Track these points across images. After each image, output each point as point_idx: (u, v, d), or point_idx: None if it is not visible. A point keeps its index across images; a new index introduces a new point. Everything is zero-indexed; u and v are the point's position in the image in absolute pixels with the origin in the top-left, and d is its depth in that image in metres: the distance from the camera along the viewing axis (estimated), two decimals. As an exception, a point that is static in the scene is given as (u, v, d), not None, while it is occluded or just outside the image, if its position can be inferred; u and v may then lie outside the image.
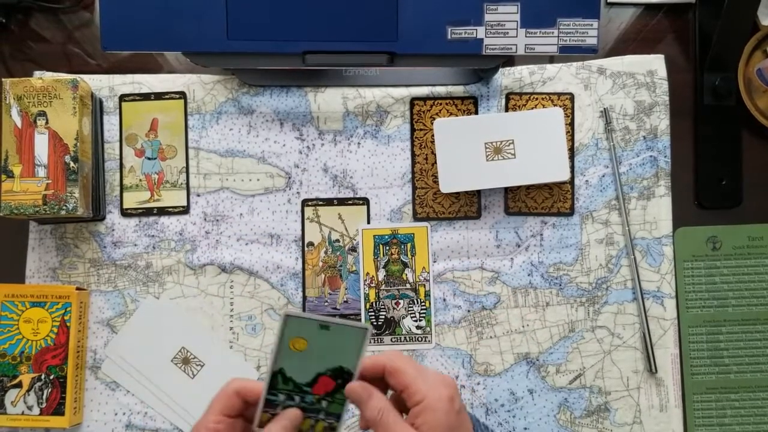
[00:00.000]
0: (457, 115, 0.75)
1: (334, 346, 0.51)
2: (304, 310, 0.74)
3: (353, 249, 0.75)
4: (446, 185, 0.72)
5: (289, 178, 0.75)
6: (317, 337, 0.51)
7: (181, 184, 0.75)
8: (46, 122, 0.69)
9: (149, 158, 0.75)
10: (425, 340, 0.74)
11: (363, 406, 0.51)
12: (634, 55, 0.76)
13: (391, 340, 0.74)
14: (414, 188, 0.75)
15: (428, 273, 0.74)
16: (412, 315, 0.74)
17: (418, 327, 0.74)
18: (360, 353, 0.51)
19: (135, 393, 0.73)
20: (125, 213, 0.75)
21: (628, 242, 0.73)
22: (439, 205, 0.75)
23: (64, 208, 0.68)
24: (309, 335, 0.51)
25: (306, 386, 0.52)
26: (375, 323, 0.74)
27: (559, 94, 0.75)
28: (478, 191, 0.75)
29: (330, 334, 0.51)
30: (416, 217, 0.75)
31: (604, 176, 0.75)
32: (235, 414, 0.52)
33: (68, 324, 0.71)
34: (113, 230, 0.75)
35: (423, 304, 0.74)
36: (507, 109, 0.76)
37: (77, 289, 0.72)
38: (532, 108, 0.75)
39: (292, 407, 0.52)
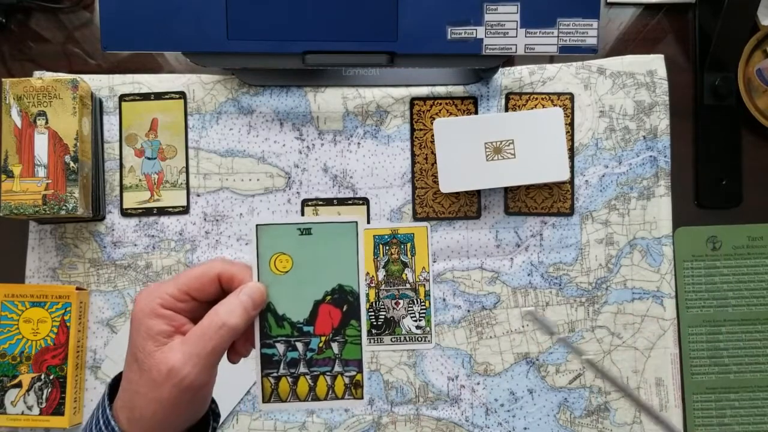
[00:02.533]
0: (457, 115, 0.75)
1: (324, 255, 0.42)
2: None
3: (353, 249, 0.75)
4: (446, 185, 0.72)
5: (289, 178, 0.75)
6: (301, 248, 0.42)
7: (181, 184, 0.75)
8: (46, 122, 0.69)
9: (149, 158, 0.75)
10: (425, 340, 0.74)
11: None
12: (634, 55, 0.76)
13: (391, 340, 0.74)
14: (414, 188, 0.75)
15: (428, 273, 0.74)
16: (411, 315, 0.74)
17: (417, 327, 0.74)
18: (357, 259, 0.42)
19: (135, 393, 0.73)
20: (125, 213, 0.75)
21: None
22: (439, 205, 0.75)
23: (64, 208, 0.68)
24: (291, 247, 0.42)
25: (306, 325, 0.43)
26: (375, 323, 0.74)
27: (558, 94, 0.75)
28: (478, 191, 0.75)
29: (315, 240, 0.42)
30: (416, 217, 0.75)
31: (603, 176, 0.75)
32: (204, 299, 0.43)
33: (68, 324, 0.71)
34: (113, 230, 0.75)
35: (423, 304, 0.74)
36: (507, 109, 0.76)
37: (77, 289, 0.72)
38: (532, 108, 0.75)
39: (297, 362, 0.43)
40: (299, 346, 0.43)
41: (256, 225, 0.43)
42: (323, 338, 0.43)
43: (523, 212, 0.75)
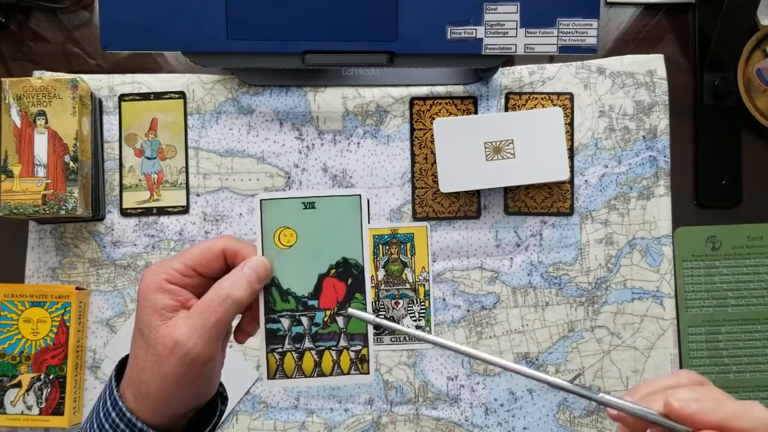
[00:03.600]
0: (456, 115, 0.75)
1: (329, 229, 0.43)
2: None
3: (353, 249, 0.75)
4: (446, 185, 0.72)
5: (289, 177, 0.75)
6: (305, 222, 0.43)
7: (181, 183, 0.75)
8: (46, 122, 0.69)
9: (149, 158, 0.75)
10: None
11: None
12: (633, 54, 0.76)
13: (391, 339, 0.74)
14: (414, 188, 0.75)
15: (428, 273, 0.74)
16: (411, 315, 0.74)
17: (417, 327, 0.74)
18: (361, 232, 0.43)
19: (134, 393, 0.73)
20: (125, 213, 0.75)
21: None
22: (439, 204, 0.75)
23: (64, 207, 0.68)
24: (295, 221, 0.43)
25: (311, 299, 0.43)
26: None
27: (558, 94, 0.75)
28: (478, 191, 0.75)
29: (319, 213, 0.43)
30: (416, 217, 0.75)
31: (603, 176, 0.75)
32: (209, 275, 0.44)
33: (68, 324, 0.71)
34: (113, 230, 0.75)
35: (422, 303, 0.74)
36: (507, 109, 0.76)
37: (77, 288, 0.72)
38: (532, 108, 0.75)
39: (302, 336, 0.43)
40: (304, 320, 0.43)
41: (260, 200, 0.43)
42: (328, 312, 0.43)
43: (522, 212, 0.75)
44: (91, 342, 0.74)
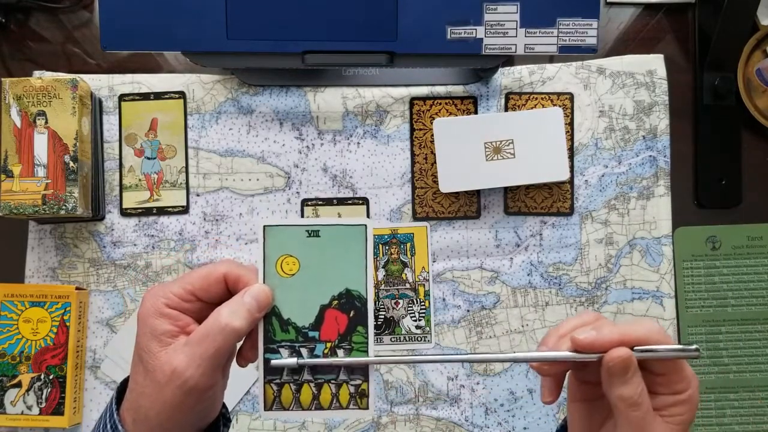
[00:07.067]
0: (456, 115, 0.75)
1: (332, 259, 0.42)
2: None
3: (353, 249, 0.75)
4: (446, 185, 0.72)
5: (289, 177, 0.75)
6: (308, 251, 0.42)
7: (181, 183, 0.75)
8: (46, 122, 0.69)
9: (149, 158, 0.75)
10: (425, 340, 0.74)
11: (623, 382, 0.40)
12: (633, 54, 0.76)
13: (391, 339, 0.74)
14: (413, 188, 0.75)
15: (428, 273, 0.74)
16: (411, 315, 0.74)
17: (417, 327, 0.74)
18: (366, 263, 0.42)
19: (134, 393, 0.73)
20: (125, 213, 0.75)
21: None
22: (439, 204, 0.75)
23: (64, 207, 0.68)
24: (298, 249, 0.42)
25: (311, 330, 0.42)
26: (375, 323, 0.74)
27: (558, 94, 0.75)
28: (478, 191, 0.75)
29: (323, 242, 0.42)
30: (416, 217, 0.75)
31: (603, 176, 0.75)
32: (209, 300, 0.43)
33: (68, 324, 0.71)
34: (113, 230, 0.75)
35: (422, 303, 0.74)
36: (506, 109, 0.76)
37: (77, 288, 0.72)
38: (532, 108, 0.75)
39: (301, 368, 0.42)
40: (304, 352, 0.42)
41: (264, 226, 0.42)
42: (329, 344, 0.42)
43: (522, 212, 0.75)
44: (91, 342, 0.74)
